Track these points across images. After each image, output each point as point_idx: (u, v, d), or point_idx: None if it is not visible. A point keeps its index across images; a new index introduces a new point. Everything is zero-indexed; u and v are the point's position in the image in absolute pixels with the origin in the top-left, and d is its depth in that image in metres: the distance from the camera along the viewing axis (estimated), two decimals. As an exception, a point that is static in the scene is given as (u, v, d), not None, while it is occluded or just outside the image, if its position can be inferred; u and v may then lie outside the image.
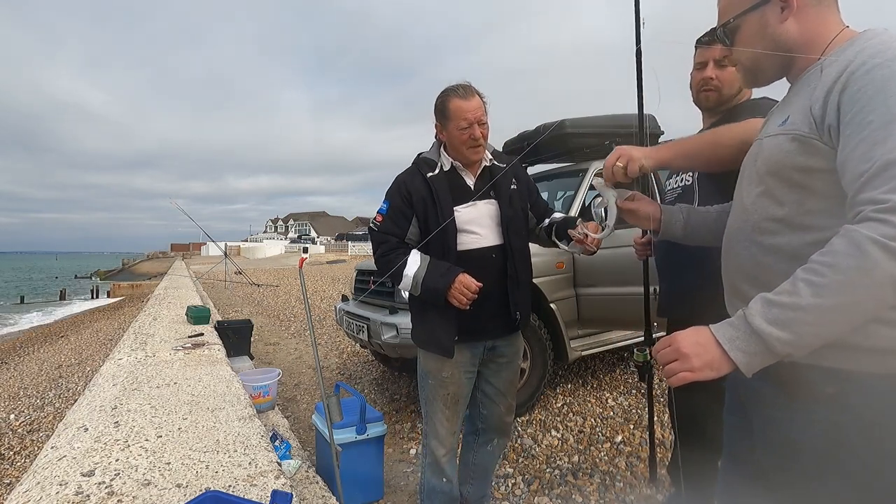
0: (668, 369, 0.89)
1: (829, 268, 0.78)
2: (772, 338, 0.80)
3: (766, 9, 0.98)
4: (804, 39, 0.97)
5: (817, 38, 0.96)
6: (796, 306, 0.79)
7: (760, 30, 1.00)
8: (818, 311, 0.78)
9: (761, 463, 0.97)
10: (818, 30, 0.96)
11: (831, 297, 0.77)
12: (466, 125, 1.72)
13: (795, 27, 0.97)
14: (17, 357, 9.17)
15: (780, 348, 0.80)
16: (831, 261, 0.78)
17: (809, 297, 0.78)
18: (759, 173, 1.00)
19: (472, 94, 1.74)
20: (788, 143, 0.92)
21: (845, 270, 0.76)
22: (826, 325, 0.79)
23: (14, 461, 3.74)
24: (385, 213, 1.83)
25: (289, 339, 6.61)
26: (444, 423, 1.87)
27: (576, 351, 3.54)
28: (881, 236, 0.74)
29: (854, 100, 0.83)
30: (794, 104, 0.97)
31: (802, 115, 0.92)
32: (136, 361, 2.87)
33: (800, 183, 0.91)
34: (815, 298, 0.78)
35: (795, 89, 1.00)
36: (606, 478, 2.57)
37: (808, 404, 0.88)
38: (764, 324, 0.81)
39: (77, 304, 23.65)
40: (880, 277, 0.74)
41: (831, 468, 0.86)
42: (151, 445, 1.68)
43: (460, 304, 1.68)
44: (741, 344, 0.83)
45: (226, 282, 15.23)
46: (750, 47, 1.02)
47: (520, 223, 1.86)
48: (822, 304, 0.78)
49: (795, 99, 0.98)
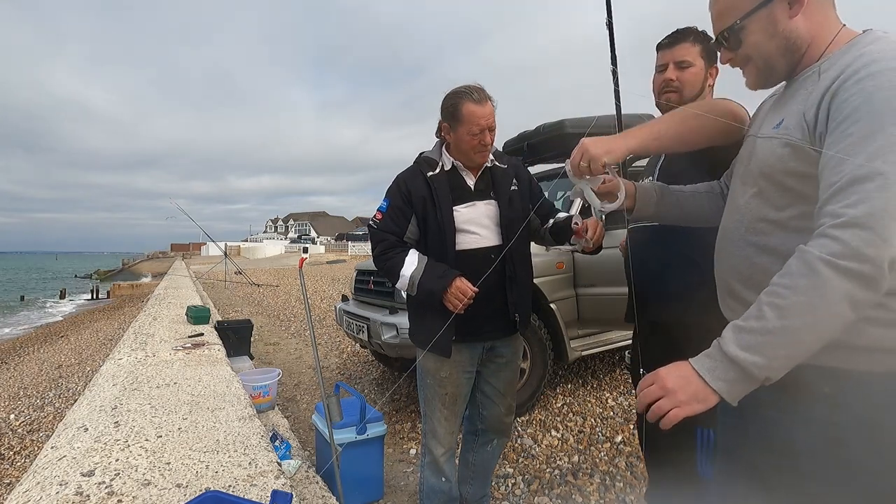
0: (657, 407, 0.88)
1: (789, 289, 0.80)
2: (748, 363, 0.81)
3: (773, 6, 0.96)
4: (811, 35, 0.96)
5: (821, 35, 0.96)
6: (765, 330, 0.81)
7: (770, 27, 0.97)
8: (786, 333, 0.80)
9: (757, 463, 0.97)
10: (823, 26, 0.96)
11: (795, 318, 0.79)
12: (478, 130, 1.70)
13: (804, 23, 0.95)
14: (17, 357, 9.17)
15: (758, 373, 0.81)
16: (789, 282, 0.80)
17: (776, 320, 0.80)
18: (752, 174, 1.00)
19: (486, 100, 1.72)
20: (781, 147, 0.92)
21: (803, 291, 0.78)
22: (796, 346, 0.80)
23: (14, 461, 3.74)
24: (385, 212, 1.83)
25: (289, 339, 6.61)
26: (443, 423, 1.87)
27: (576, 351, 3.54)
28: (829, 255, 0.76)
29: (840, 109, 0.83)
30: (788, 107, 0.97)
31: (796, 121, 0.92)
32: (136, 361, 2.87)
33: (793, 187, 0.92)
34: (781, 321, 0.79)
35: (791, 91, 1.00)
36: (606, 478, 2.57)
37: (803, 404, 0.89)
38: (738, 350, 0.82)
39: (53, 309, 21.59)
40: (833, 296, 0.76)
41: (827, 467, 0.86)
42: (151, 445, 1.68)
43: (455, 309, 1.68)
44: (720, 373, 0.84)
45: (226, 282, 15.23)
46: (760, 47, 0.99)
47: (519, 224, 1.85)
48: (789, 326, 0.79)
49: (791, 102, 0.97)
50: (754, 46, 1.00)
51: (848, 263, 0.75)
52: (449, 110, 1.76)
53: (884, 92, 0.79)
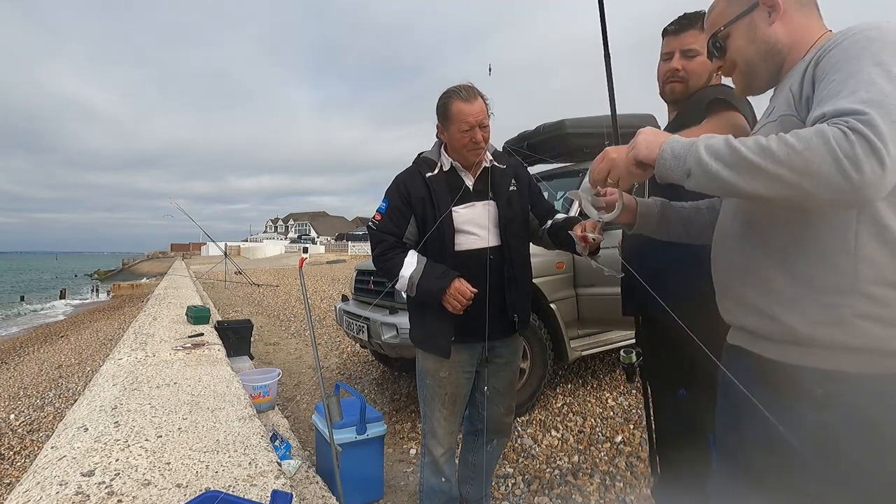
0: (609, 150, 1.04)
1: (782, 142, 0.77)
2: (697, 152, 0.84)
3: (754, 14, 1.03)
4: (791, 41, 1.01)
5: (802, 40, 1.00)
6: (735, 149, 0.80)
7: (750, 34, 1.04)
8: (743, 160, 0.79)
9: (754, 463, 0.97)
10: (803, 32, 1.00)
11: (759, 158, 0.77)
12: (468, 128, 1.71)
13: (783, 30, 1.01)
14: (17, 357, 9.17)
15: (690, 162, 0.85)
16: (789, 138, 0.77)
17: (749, 151, 0.79)
18: None
19: (475, 97, 1.72)
20: (774, 128, 0.93)
21: (791, 148, 0.75)
22: (738, 174, 0.80)
23: (14, 461, 3.74)
24: (384, 212, 1.83)
25: (289, 339, 6.61)
26: (442, 423, 1.87)
27: (576, 351, 3.54)
28: (834, 138, 0.72)
29: (824, 69, 0.86)
30: (776, 98, 1.02)
31: (783, 97, 0.96)
32: (136, 361, 2.87)
33: None
34: (751, 154, 0.78)
35: (779, 88, 1.04)
36: (606, 478, 2.57)
37: (797, 405, 0.89)
38: (703, 146, 0.84)
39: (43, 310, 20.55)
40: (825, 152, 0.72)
41: (822, 468, 0.86)
42: (151, 445, 1.68)
43: (454, 310, 1.68)
44: (675, 145, 0.89)
45: (226, 282, 15.23)
46: (742, 53, 1.06)
47: (518, 224, 1.86)
48: (751, 160, 0.78)
49: (778, 92, 1.02)
50: (737, 52, 1.06)
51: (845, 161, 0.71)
52: (440, 110, 1.78)
53: (860, 43, 0.83)
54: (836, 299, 0.84)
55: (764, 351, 0.95)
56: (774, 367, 0.92)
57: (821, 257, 0.86)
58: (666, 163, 0.89)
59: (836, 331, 0.84)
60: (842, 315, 0.84)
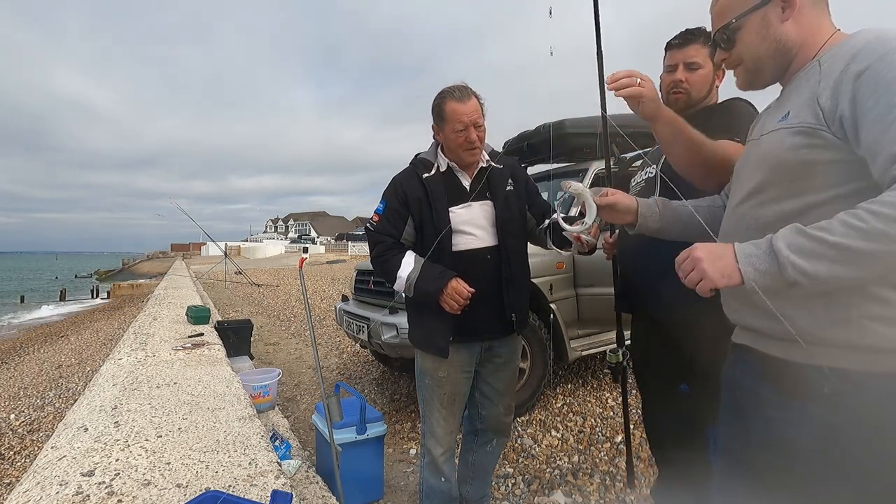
0: (689, 279, 0.92)
1: (873, 215, 0.76)
2: (787, 261, 0.81)
3: (767, 9, 0.99)
4: (801, 40, 0.98)
5: (812, 38, 0.98)
6: (823, 240, 0.79)
7: (762, 30, 1.00)
8: (842, 250, 0.77)
9: (758, 463, 0.97)
10: (814, 31, 0.98)
11: (861, 241, 0.76)
12: (462, 128, 1.71)
13: (794, 28, 0.98)
14: (17, 357, 9.16)
15: (791, 273, 0.81)
16: (877, 209, 0.76)
17: (840, 236, 0.77)
18: (755, 171, 1.00)
19: (469, 97, 1.72)
20: (791, 136, 0.92)
21: (886, 219, 0.74)
22: (845, 266, 0.78)
23: (14, 461, 3.73)
24: (381, 214, 1.83)
25: (289, 339, 6.61)
26: (441, 423, 1.87)
27: (576, 351, 3.54)
28: None
29: (874, 85, 0.82)
30: (791, 100, 0.97)
31: (807, 108, 0.91)
32: (136, 361, 2.87)
33: (800, 177, 0.91)
34: (844, 239, 0.77)
35: (790, 88, 1.01)
36: (606, 478, 2.57)
37: (803, 404, 0.89)
38: (784, 247, 0.82)
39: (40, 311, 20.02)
40: None
41: (827, 467, 0.86)
42: (151, 445, 1.68)
43: (451, 309, 1.68)
44: (755, 261, 0.85)
45: (226, 282, 15.23)
46: (751, 48, 1.02)
47: (516, 224, 1.85)
48: (851, 245, 0.76)
49: (793, 96, 0.98)
50: (746, 47, 1.03)
51: None
52: (435, 110, 1.78)
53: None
54: (843, 300, 0.84)
55: (770, 349, 0.95)
56: (781, 365, 0.92)
57: None
58: (758, 283, 0.85)
59: (843, 330, 0.85)
60: (848, 315, 0.84)
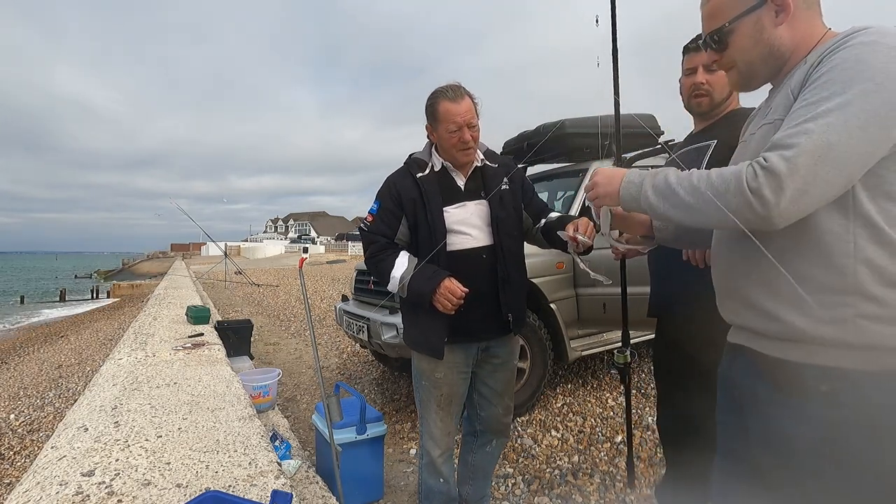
0: (589, 195, 1.17)
1: (704, 178, 0.92)
2: (643, 193, 1.02)
3: (761, 13, 0.98)
4: (794, 43, 0.98)
5: (805, 42, 0.98)
6: (668, 185, 0.97)
7: (756, 34, 1.00)
8: (675, 197, 0.96)
9: (756, 461, 0.97)
10: (806, 33, 0.98)
11: (686, 195, 0.94)
12: (456, 128, 1.69)
13: (787, 32, 0.98)
14: (17, 357, 9.17)
15: (643, 203, 1.02)
16: (710, 176, 0.91)
17: (676, 185, 0.96)
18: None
19: (462, 96, 1.71)
20: (771, 131, 0.93)
21: (708, 184, 0.90)
22: (675, 210, 0.97)
23: (14, 461, 3.74)
24: (375, 214, 1.82)
25: (289, 339, 6.61)
26: (439, 424, 1.86)
27: (576, 351, 3.54)
28: (745, 178, 0.85)
29: (813, 76, 0.88)
30: (775, 98, 0.99)
31: (783, 101, 0.94)
32: (136, 361, 2.87)
33: None
34: (678, 189, 0.95)
35: (778, 87, 1.02)
36: (606, 478, 2.57)
37: (801, 402, 0.89)
38: (649, 184, 1.01)
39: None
40: (723, 205, 0.88)
41: (826, 465, 0.86)
42: (151, 445, 1.68)
43: (445, 309, 1.67)
44: (630, 188, 1.05)
45: (226, 282, 15.23)
46: (744, 52, 1.02)
47: (511, 224, 1.84)
48: (680, 196, 0.95)
49: (777, 94, 1.00)
50: (739, 51, 1.03)
51: (750, 195, 0.84)
52: (428, 110, 1.76)
53: (847, 63, 0.84)
54: (838, 299, 0.85)
55: (767, 349, 0.96)
56: (778, 364, 0.93)
57: (821, 259, 0.87)
58: (624, 204, 1.08)
59: (839, 329, 0.85)
60: (844, 315, 0.85)
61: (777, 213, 0.82)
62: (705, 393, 1.66)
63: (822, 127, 0.80)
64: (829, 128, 0.80)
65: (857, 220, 0.84)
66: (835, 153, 0.80)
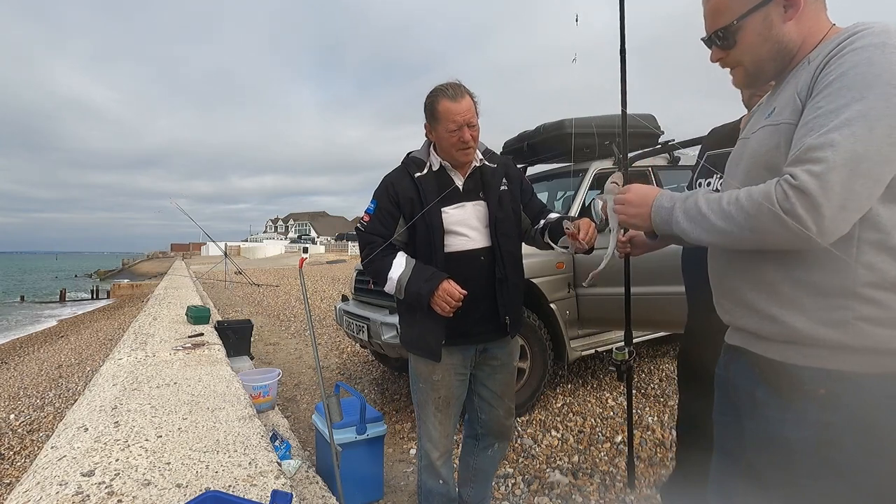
0: (616, 211, 1.17)
1: (734, 202, 0.90)
2: (675, 219, 1.01)
3: (769, 8, 0.95)
4: (801, 39, 0.97)
5: (811, 37, 0.96)
6: (699, 210, 0.96)
7: (765, 31, 0.97)
8: (706, 221, 0.95)
9: (753, 462, 0.97)
10: (813, 29, 0.96)
11: (718, 220, 0.93)
12: (455, 128, 1.66)
13: (795, 28, 0.96)
14: (17, 357, 9.17)
15: (675, 228, 1.01)
16: (740, 197, 0.90)
17: (707, 210, 0.95)
18: (745, 170, 1.01)
19: (462, 95, 1.68)
20: (775, 133, 0.92)
21: (739, 208, 0.89)
22: (708, 234, 0.96)
23: (14, 461, 3.73)
24: (372, 214, 1.79)
25: (289, 339, 6.61)
26: (437, 427, 1.84)
27: (576, 351, 3.54)
28: (777, 205, 0.84)
29: (822, 81, 0.86)
30: (778, 97, 0.98)
31: (789, 102, 0.92)
32: (136, 361, 2.87)
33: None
34: (709, 214, 0.94)
35: (782, 84, 1.00)
36: (606, 478, 2.57)
37: (799, 404, 0.89)
38: (679, 209, 1.01)
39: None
40: (761, 232, 0.87)
41: (823, 467, 0.86)
42: (151, 445, 1.68)
43: (443, 312, 1.65)
44: (662, 212, 1.05)
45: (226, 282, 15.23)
46: (752, 50, 0.99)
47: (510, 225, 1.82)
48: (711, 221, 0.94)
49: (781, 92, 0.98)
50: (747, 48, 1.00)
51: (784, 216, 0.83)
52: (427, 109, 1.73)
53: (860, 67, 0.82)
54: (837, 302, 0.85)
55: (765, 351, 0.95)
56: (776, 366, 0.92)
57: (821, 262, 0.86)
58: (658, 229, 1.08)
59: (838, 332, 0.85)
60: (843, 317, 0.84)
61: (820, 234, 0.81)
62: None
63: (848, 138, 0.79)
64: (854, 138, 0.78)
65: (864, 224, 0.83)
66: (866, 165, 0.78)
